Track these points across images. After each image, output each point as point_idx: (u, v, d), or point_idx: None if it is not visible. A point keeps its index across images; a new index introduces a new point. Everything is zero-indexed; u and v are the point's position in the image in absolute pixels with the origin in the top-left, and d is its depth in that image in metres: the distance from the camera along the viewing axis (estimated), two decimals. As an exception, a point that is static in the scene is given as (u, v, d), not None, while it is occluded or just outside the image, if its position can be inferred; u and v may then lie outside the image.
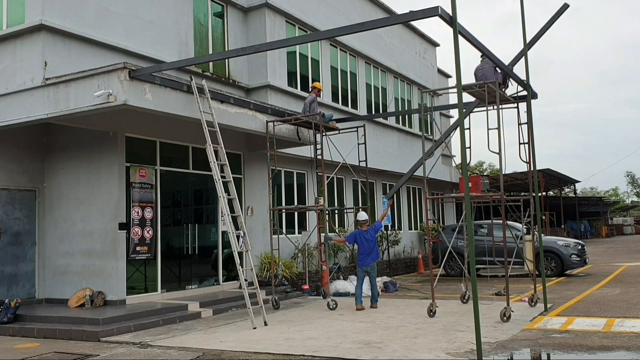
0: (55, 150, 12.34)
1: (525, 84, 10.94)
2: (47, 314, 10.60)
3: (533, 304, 11.06)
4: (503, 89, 10.84)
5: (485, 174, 68.06)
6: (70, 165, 12.06)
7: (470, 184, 9.74)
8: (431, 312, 10.33)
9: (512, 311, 9.82)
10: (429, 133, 22.52)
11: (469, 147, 10.06)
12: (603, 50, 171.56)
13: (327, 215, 13.53)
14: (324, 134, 13.21)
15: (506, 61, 10.63)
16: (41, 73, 10.49)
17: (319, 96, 13.90)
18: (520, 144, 10.88)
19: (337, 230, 16.58)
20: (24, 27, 10.77)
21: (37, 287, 12.15)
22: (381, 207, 20.25)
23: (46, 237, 12.26)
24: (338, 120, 14.43)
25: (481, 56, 11.12)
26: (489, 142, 10.58)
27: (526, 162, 10.87)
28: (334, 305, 11.64)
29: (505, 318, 9.53)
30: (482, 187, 10.39)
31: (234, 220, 10.70)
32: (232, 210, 10.73)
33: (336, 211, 17.28)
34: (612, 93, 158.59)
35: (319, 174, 13.47)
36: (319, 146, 13.27)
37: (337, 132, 13.86)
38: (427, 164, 10.57)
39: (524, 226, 12.67)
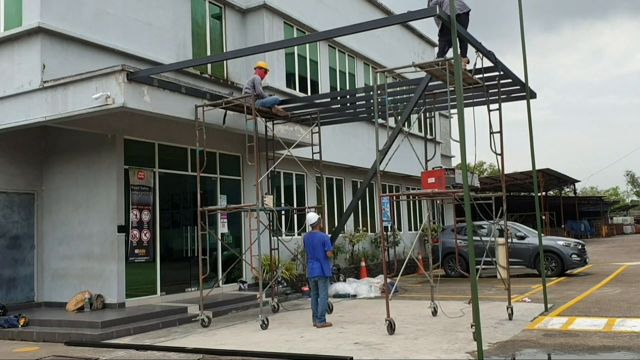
0: (53, 153, 12.31)
1: (523, 84, 10.90)
2: (46, 317, 10.56)
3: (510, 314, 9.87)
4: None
5: (485, 174, 68.10)
6: (68, 168, 12.03)
7: (432, 179, 9.01)
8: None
9: (512, 312, 9.80)
10: (414, 127, 22.40)
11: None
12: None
13: (271, 215, 12.43)
14: (275, 122, 12.60)
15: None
16: (39, 76, 10.46)
17: (264, 78, 12.19)
18: (491, 133, 9.78)
19: (284, 233, 15.48)
20: (22, 30, 10.75)
21: (36, 290, 12.11)
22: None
23: (45, 241, 12.23)
24: (290, 107, 12.87)
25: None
26: (476, 135, 10.14)
27: (498, 154, 9.77)
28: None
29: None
30: (447, 182, 9.10)
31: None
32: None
33: (283, 212, 14.93)
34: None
35: (274, 171, 12.15)
36: (269, 134, 12.46)
37: (287, 119, 12.82)
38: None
39: (496, 228, 11.33)
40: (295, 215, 16.07)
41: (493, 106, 9.95)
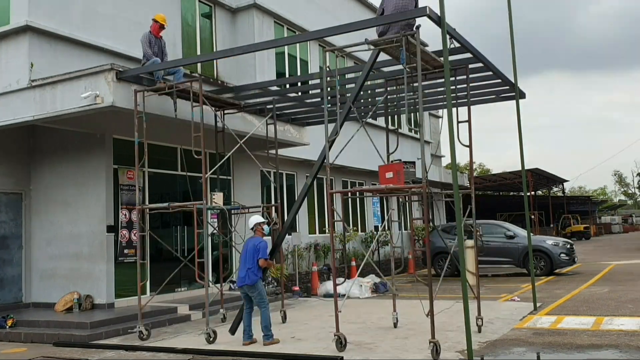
0: (41, 153, 12.21)
1: (512, 84, 10.96)
2: (35, 318, 10.49)
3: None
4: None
5: (475, 174, 68.32)
6: (57, 168, 11.94)
7: (390, 174, 8.01)
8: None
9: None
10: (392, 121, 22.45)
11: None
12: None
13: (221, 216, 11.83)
14: (225, 111, 11.41)
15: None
16: (27, 75, 10.37)
17: (159, 34, 10.55)
18: (458, 122, 8.73)
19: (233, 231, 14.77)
20: (9, 28, 10.64)
21: (24, 291, 12.01)
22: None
23: (33, 241, 12.13)
24: (242, 96, 12.07)
25: None
26: (457, 126, 8.77)
27: (467, 146, 8.82)
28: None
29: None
30: (407, 177, 8.06)
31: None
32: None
33: (233, 211, 12.79)
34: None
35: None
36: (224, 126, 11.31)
37: (239, 109, 11.62)
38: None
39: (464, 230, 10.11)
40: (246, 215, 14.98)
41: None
